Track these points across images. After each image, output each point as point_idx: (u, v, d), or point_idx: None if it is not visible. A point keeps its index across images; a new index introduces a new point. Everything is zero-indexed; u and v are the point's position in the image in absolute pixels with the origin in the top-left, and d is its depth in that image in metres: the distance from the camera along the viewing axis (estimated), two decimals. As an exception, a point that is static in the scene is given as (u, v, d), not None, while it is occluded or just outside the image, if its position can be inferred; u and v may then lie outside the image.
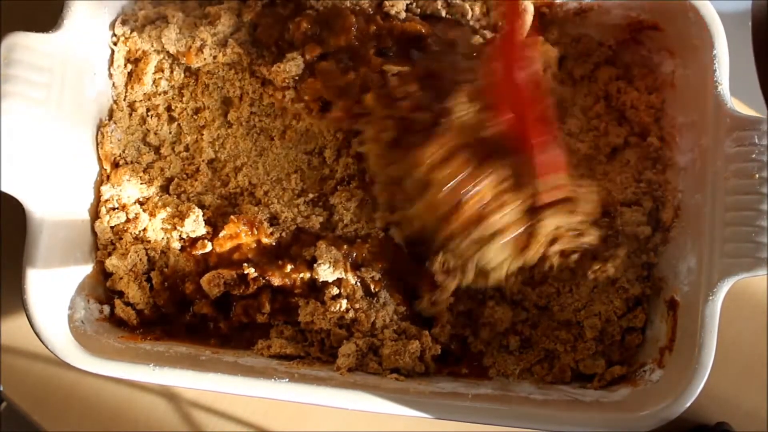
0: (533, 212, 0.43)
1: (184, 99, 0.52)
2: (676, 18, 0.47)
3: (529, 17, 0.44)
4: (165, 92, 0.52)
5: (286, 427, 0.55)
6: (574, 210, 0.43)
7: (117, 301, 0.50)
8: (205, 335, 0.50)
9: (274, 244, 0.49)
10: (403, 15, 0.50)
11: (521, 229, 0.43)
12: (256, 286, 0.48)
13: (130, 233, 0.50)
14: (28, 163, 0.44)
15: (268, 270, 0.48)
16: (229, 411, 0.55)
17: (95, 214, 0.50)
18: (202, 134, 0.51)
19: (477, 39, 0.49)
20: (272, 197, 0.51)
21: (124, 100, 0.52)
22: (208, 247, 0.49)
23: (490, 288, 0.47)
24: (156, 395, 0.55)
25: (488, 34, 0.49)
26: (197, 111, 0.52)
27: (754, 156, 0.42)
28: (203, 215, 0.49)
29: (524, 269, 0.46)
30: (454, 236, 0.44)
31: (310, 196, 0.50)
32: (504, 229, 0.43)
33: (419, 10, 0.50)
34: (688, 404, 0.41)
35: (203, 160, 0.51)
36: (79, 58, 0.47)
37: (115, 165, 0.51)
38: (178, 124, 0.52)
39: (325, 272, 0.47)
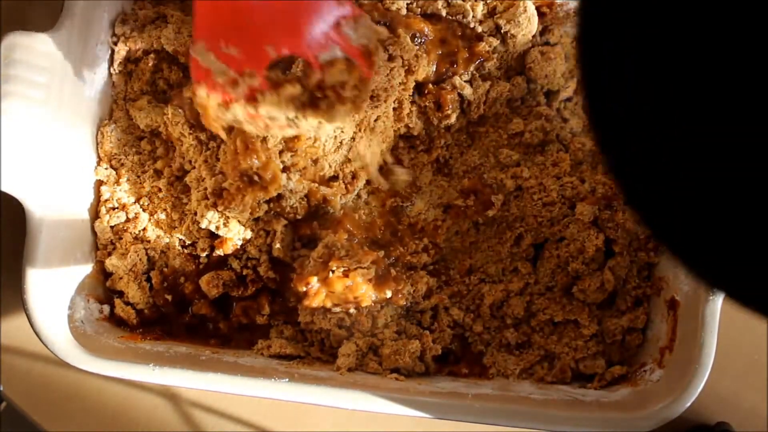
0: None
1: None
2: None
3: None
4: (164, 91, 0.52)
5: (286, 427, 0.55)
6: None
7: (117, 301, 0.50)
8: (205, 335, 0.50)
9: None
10: (404, 12, 0.50)
11: None
12: (254, 288, 0.49)
13: (130, 233, 0.50)
14: (28, 163, 0.44)
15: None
16: (229, 411, 0.55)
17: (95, 214, 0.50)
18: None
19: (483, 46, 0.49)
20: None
21: (124, 99, 0.52)
22: (207, 252, 0.49)
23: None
24: (156, 395, 0.55)
25: (493, 41, 0.49)
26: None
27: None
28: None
29: None
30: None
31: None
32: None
33: (419, 9, 0.50)
34: (688, 404, 0.41)
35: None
36: (79, 58, 0.47)
37: (115, 165, 0.51)
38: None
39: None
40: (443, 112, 0.49)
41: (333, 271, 0.45)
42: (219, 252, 0.48)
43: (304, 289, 0.45)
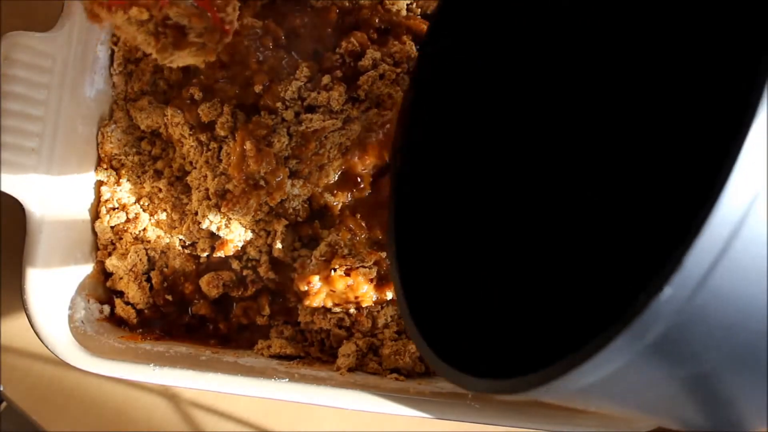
0: None
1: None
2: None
3: None
4: (164, 92, 0.52)
5: (286, 427, 0.55)
6: None
7: (117, 301, 0.50)
8: (205, 335, 0.50)
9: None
10: (404, 13, 0.50)
11: None
12: (254, 288, 0.49)
13: (131, 233, 0.50)
14: (27, 163, 0.44)
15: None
16: (229, 411, 0.55)
17: (95, 214, 0.50)
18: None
19: None
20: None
21: (124, 99, 0.52)
22: (208, 252, 0.49)
23: None
24: (156, 395, 0.55)
25: None
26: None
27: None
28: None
29: None
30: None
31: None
32: None
33: (419, 9, 0.50)
34: (688, 404, 0.41)
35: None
36: (79, 58, 0.47)
37: (116, 165, 0.51)
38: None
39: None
40: None
41: (335, 270, 0.45)
42: (220, 253, 0.48)
43: (306, 288, 0.45)
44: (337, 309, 0.47)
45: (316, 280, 0.45)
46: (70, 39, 0.46)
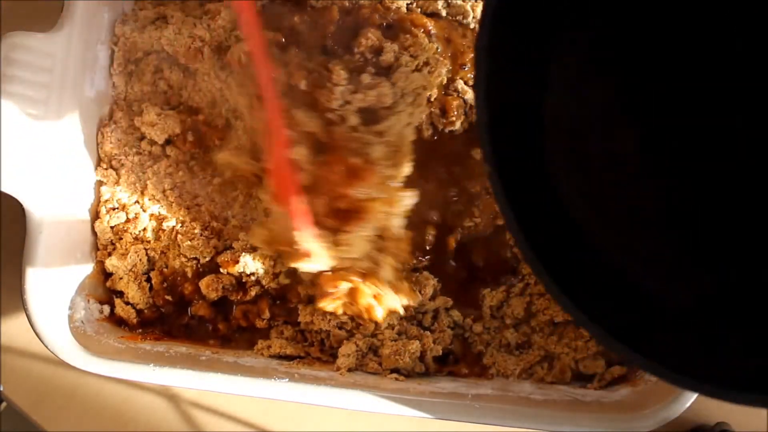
0: None
1: (183, 99, 0.51)
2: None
3: None
4: (164, 92, 0.52)
5: (286, 427, 0.55)
6: None
7: (117, 301, 0.50)
8: (205, 336, 0.50)
9: None
10: (404, 11, 0.50)
11: None
12: (254, 293, 0.48)
13: (130, 233, 0.50)
14: (28, 163, 0.44)
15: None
16: (229, 411, 0.55)
17: (95, 214, 0.50)
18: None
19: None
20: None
21: (124, 100, 0.52)
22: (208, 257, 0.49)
23: None
24: (156, 395, 0.55)
25: None
26: (197, 111, 0.52)
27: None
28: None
29: None
30: None
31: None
32: None
33: (419, 9, 0.50)
34: (689, 404, 0.41)
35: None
36: (79, 58, 0.47)
37: (116, 165, 0.51)
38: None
39: None
40: (447, 118, 0.49)
41: (365, 288, 0.44)
42: (224, 271, 0.48)
43: (331, 290, 0.44)
44: (344, 317, 0.47)
45: (343, 286, 0.44)
46: (70, 39, 0.46)
